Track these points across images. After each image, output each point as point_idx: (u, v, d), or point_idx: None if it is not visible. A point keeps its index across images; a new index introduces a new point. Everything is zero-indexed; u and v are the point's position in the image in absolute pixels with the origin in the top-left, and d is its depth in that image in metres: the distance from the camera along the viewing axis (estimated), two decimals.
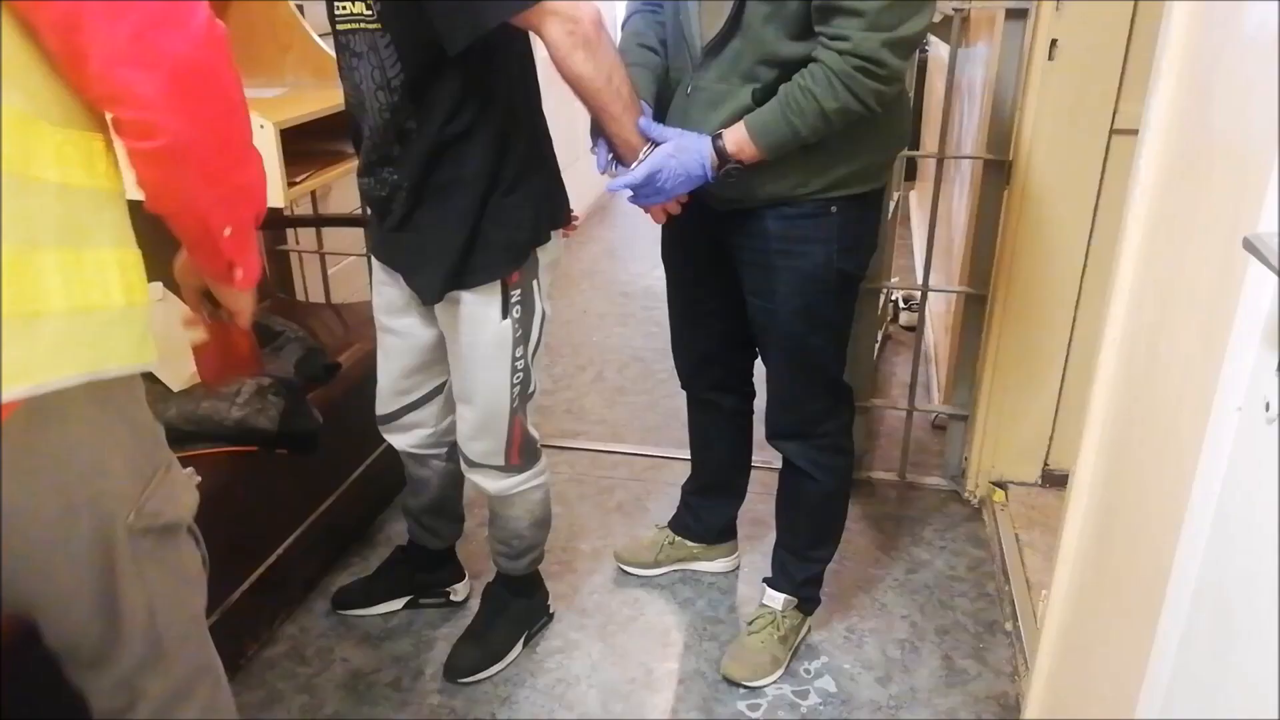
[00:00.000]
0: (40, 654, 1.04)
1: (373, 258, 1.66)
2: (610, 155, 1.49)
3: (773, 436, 1.74)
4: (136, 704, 1.07)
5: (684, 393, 1.98)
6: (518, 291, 1.52)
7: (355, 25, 1.38)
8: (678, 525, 2.11)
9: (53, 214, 0.85)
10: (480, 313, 1.51)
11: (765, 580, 1.87)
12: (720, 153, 1.42)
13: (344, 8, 1.38)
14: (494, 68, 1.39)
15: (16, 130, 0.82)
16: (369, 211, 1.58)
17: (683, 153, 1.42)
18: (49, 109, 0.85)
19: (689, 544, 2.10)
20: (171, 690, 1.08)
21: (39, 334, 0.84)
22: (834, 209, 1.49)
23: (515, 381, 1.57)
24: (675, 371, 1.95)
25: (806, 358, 1.63)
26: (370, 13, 1.34)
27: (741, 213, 1.53)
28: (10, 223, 0.81)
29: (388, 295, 1.62)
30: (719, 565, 2.10)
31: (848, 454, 1.75)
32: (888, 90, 1.35)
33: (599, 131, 1.46)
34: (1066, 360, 2.18)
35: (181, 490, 1.07)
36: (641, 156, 1.44)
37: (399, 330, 1.65)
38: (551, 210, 1.54)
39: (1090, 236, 2.06)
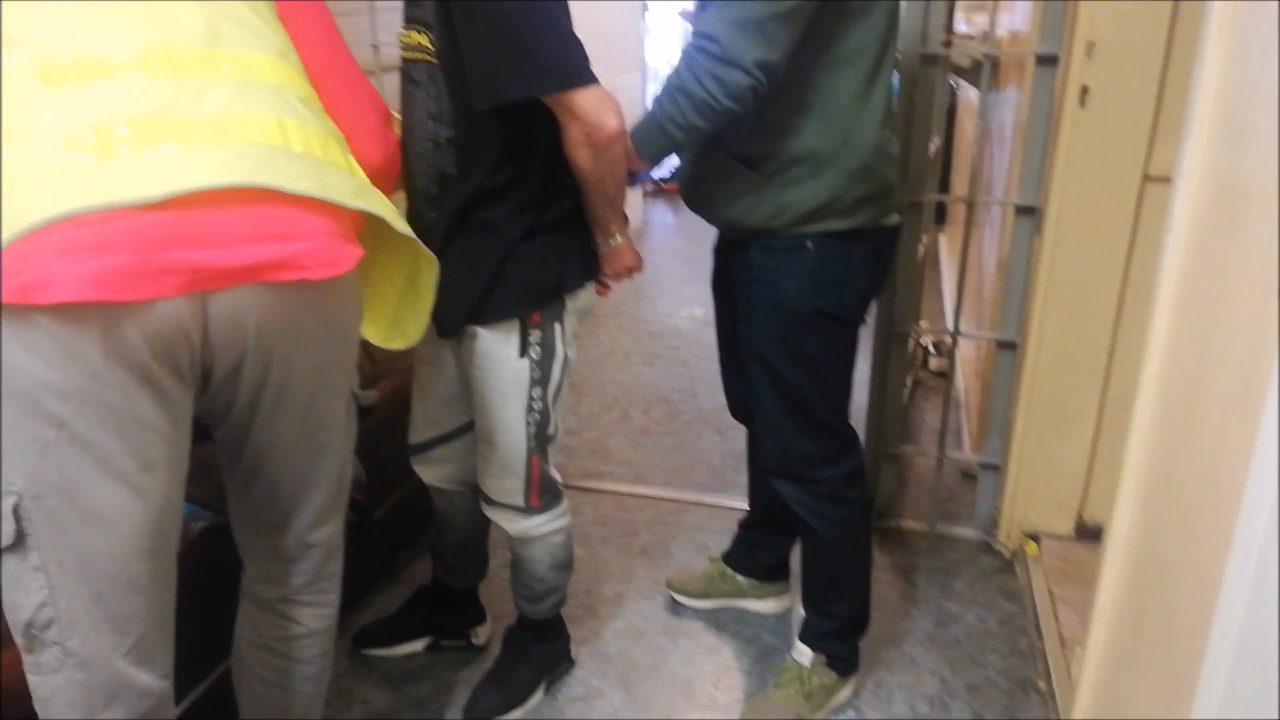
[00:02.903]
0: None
1: None
2: None
3: (770, 474, 1.72)
4: (310, 553, 1.29)
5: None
6: (538, 332, 1.52)
7: (418, 55, 1.43)
8: (730, 558, 2.10)
9: (314, 115, 1.14)
10: (496, 349, 1.52)
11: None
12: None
13: (410, 37, 1.44)
14: (538, 123, 1.42)
15: (303, 79, 1.17)
16: None
17: None
18: (290, 60, 1.18)
19: (740, 579, 2.07)
20: (338, 538, 1.33)
21: (351, 183, 1.12)
22: (809, 244, 1.51)
23: (531, 421, 1.57)
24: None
25: (787, 391, 1.61)
26: (432, 48, 1.40)
27: (737, 243, 1.60)
28: (318, 119, 1.14)
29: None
30: (768, 605, 2.07)
31: (851, 504, 1.71)
32: (726, 74, 1.35)
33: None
34: (1101, 409, 2.14)
35: None
36: (615, 237, 1.57)
37: (434, 360, 1.67)
38: (583, 261, 1.57)
39: (1124, 283, 2.04)
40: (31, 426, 0.95)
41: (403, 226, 1.17)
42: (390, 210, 1.16)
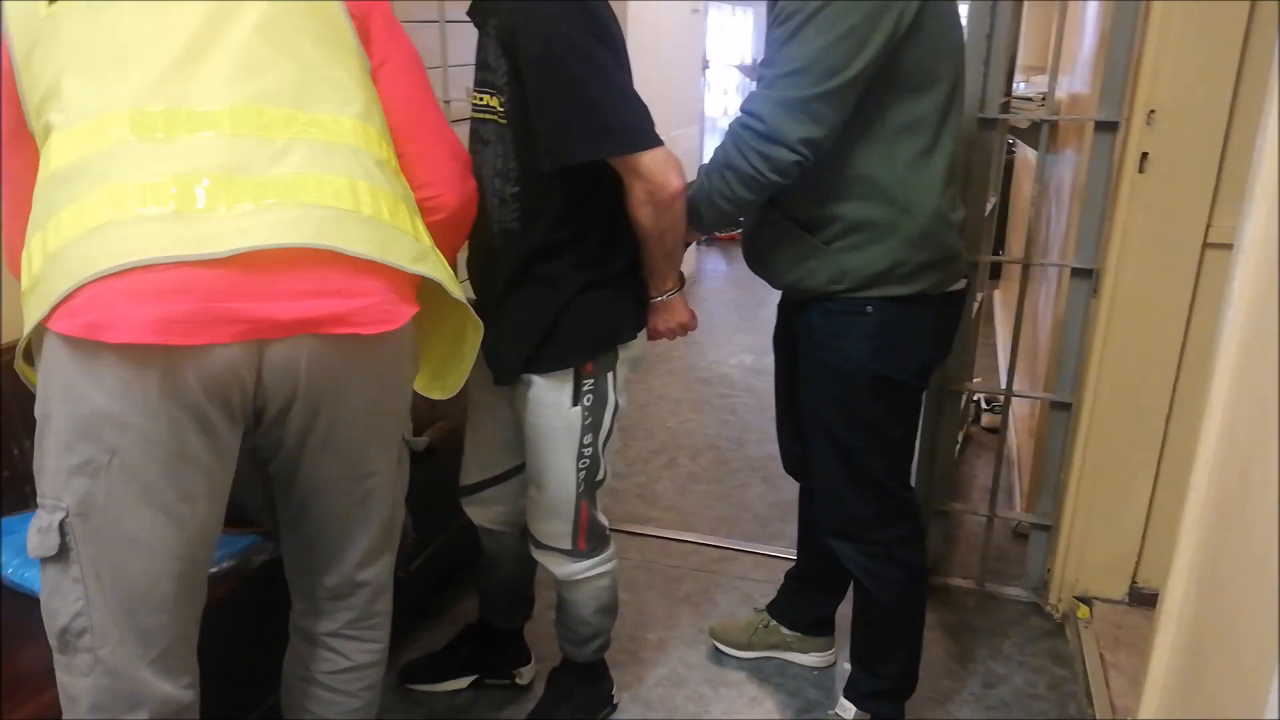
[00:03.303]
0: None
1: None
2: None
3: (825, 532, 1.72)
4: (358, 591, 1.33)
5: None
6: (590, 381, 1.56)
7: (487, 117, 1.49)
8: (775, 610, 2.09)
9: (385, 177, 1.19)
10: (550, 397, 1.56)
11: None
12: None
13: (480, 99, 1.50)
14: (601, 183, 1.47)
15: (382, 137, 1.22)
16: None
17: None
18: (373, 120, 1.23)
19: (785, 631, 2.07)
20: (387, 577, 1.37)
21: (415, 248, 1.17)
22: (870, 309, 1.52)
23: (582, 467, 1.60)
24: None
25: (845, 453, 1.61)
26: (502, 109, 1.46)
27: (800, 304, 1.61)
28: (390, 182, 1.19)
29: (483, 369, 1.68)
30: (812, 659, 2.06)
31: (907, 566, 1.69)
32: (770, 151, 1.39)
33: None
34: (1157, 474, 2.11)
35: None
36: (670, 291, 1.61)
37: (489, 405, 1.71)
38: (636, 312, 1.61)
39: (1183, 349, 2.02)
40: (88, 450, 1.02)
41: (457, 292, 1.23)
42: (448, 275, 1.22)
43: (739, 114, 1.44)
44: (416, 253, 1.17)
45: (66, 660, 1.10)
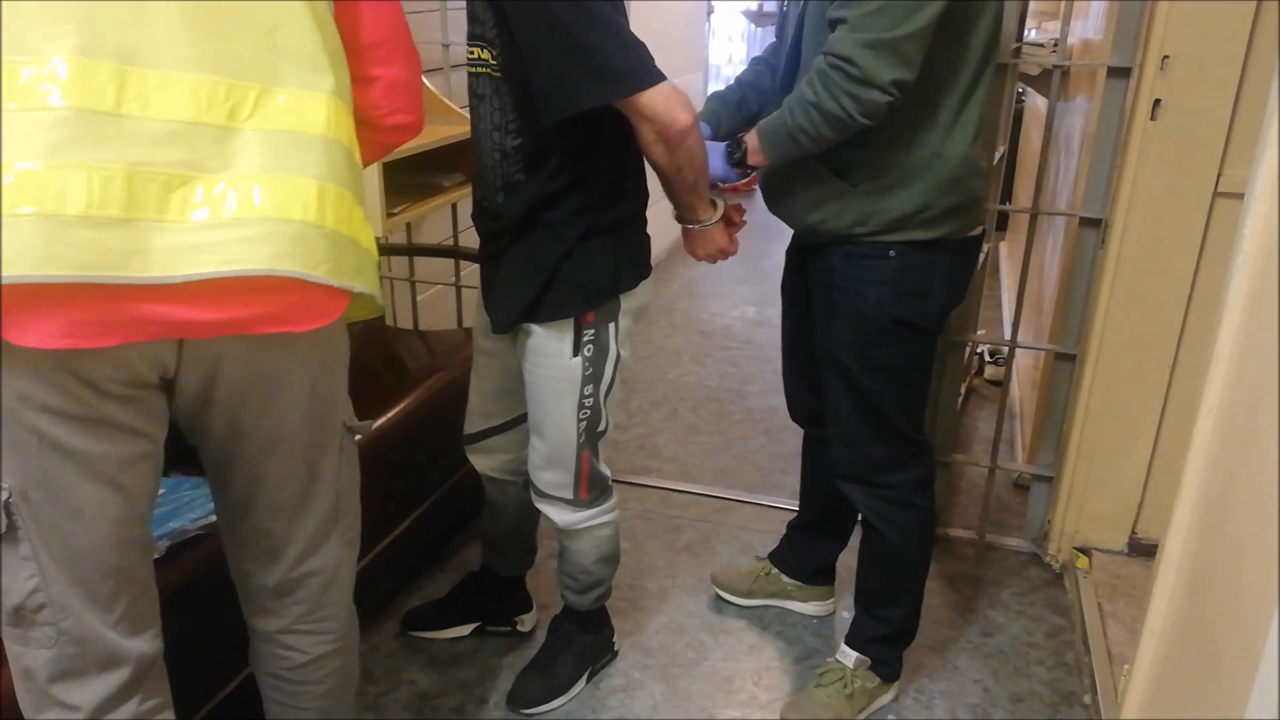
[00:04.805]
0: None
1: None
2: None
3: (838, 477, 1.73)
4: (305, 582, 1.26)
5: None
6: (591, 331, 1.55)
7: (481, 70, 1.46)
8: (777, 558, 2.11)
9: (349, 171, 1.09)
10: (551, 347, 1.55)
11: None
12: (740, 158, 1.55)
13: (474, 53, 1.47)
14: (603, 127, 1.44)
15: (349, 120, 1.10)
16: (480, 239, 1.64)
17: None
18: (343, 93, 1.10)
19: (785, 580, 2.09)
20: (336, 564, 1.29)
21: (357, 255, 1.09)
22: (892, 253, 1.52)
23: (582, 418, 1.60)
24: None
25: (862, 397, 1.62)
26: (495, 62, 1.42)
27: (817, 247, 1.60)
28: (351, 180, 1.08)
29: (485, 317, 1.67)
30: (812, 608, 2.08)
31: (920, 510, 1.71)
32: (863, 94, 1.37)
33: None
34: (1160, 425, 2.10)
35: None
36: (705, 222, 1.57)
37: (492, 353, 1.70)
38: (637, 261, 1.59)
39: (1189, 300, 2.00)
40: (16, 432, 0.99)
41: (378, 307, 1.18)
42: (376, 290, 1.14)
43: (825, 56, 1.40)
44: (357, 263, 1.09)
45: (22, 634, 1.07)
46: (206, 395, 1.09)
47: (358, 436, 1.29)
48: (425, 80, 2.34)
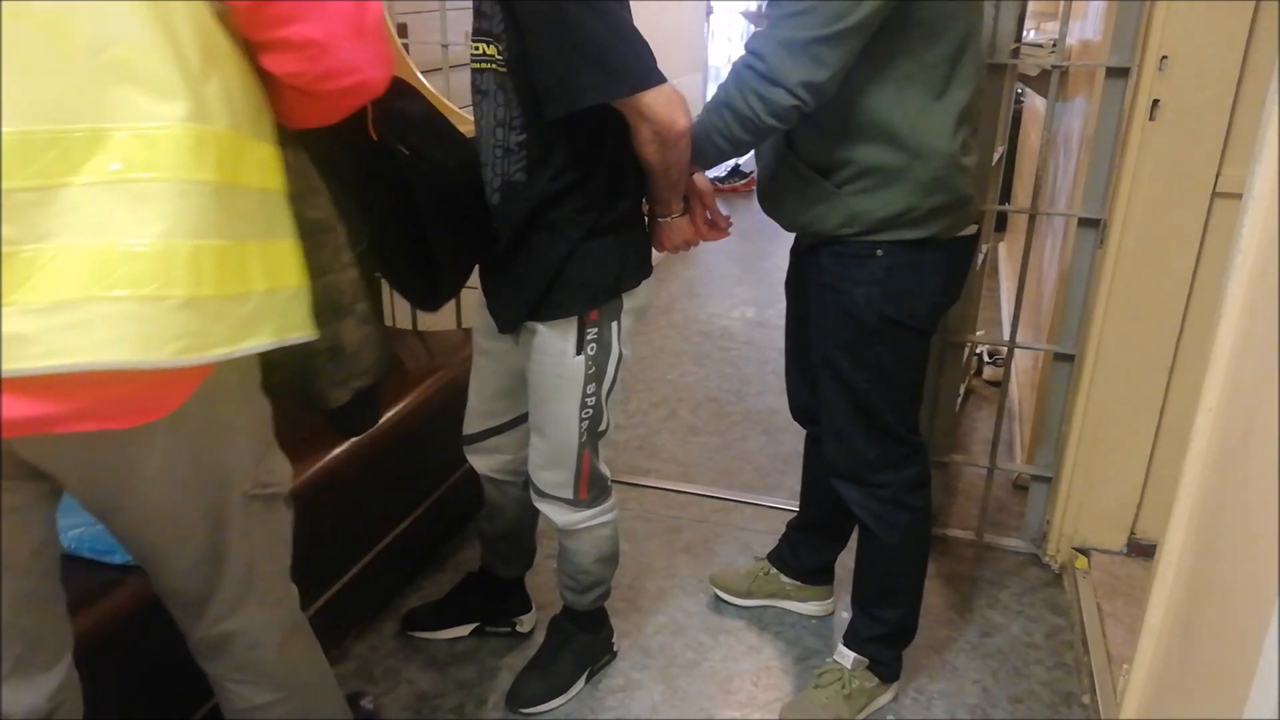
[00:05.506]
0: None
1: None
2: None
3: (833, 476, 1.73)
4: (229, 642, 1.20)
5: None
6: (594, 330, 1.55)
7: (485, 66, 1.46)
8: (776, 558, 2.11)
9: (256, 213, 0.96)
10: (554, 345, 1.55)
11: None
12: None
13: (478, 48, 1.47)
14: (606, 127, 1.44)
15: (229, 146, 0.92)
16: None
17: None
18: (251, 126, 0.96)
19: (784, 580, 2.09)
20: (259, 627, 1.21)
21: (244, 309, 0.94)
22: (879, 252, 1.52)
23: (584, 417, 1.60)
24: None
25: (853, 396, 1.62)
26: (501, 58, 1.43)
27: (811, 247, 1.61)
28: (229, 223, 0.92)
29: (487, 318, 1.67)
30: (810, 608, 2.08)
31: (914, 510, 1.71)
32: (768, 93, 1.38)
33: None
34: (1159, 426, 2.10)
35: (283, 463, 1.21)
36: (675, 215, 1.59)
37: (492, 353, 1.70)
38: (640, 260, 1.59)
39: (1188, 300, 2.00)
40: None
41: (297, 337, 1.02)
42: (292, 332, 1.00)
43: (744, 53, 1.43)
44: (248, 315, 0.94)
45: None
46: (56, 483, 1.00)
47: (272, 492, 1.16)
48: (425, 80, 2.34)
